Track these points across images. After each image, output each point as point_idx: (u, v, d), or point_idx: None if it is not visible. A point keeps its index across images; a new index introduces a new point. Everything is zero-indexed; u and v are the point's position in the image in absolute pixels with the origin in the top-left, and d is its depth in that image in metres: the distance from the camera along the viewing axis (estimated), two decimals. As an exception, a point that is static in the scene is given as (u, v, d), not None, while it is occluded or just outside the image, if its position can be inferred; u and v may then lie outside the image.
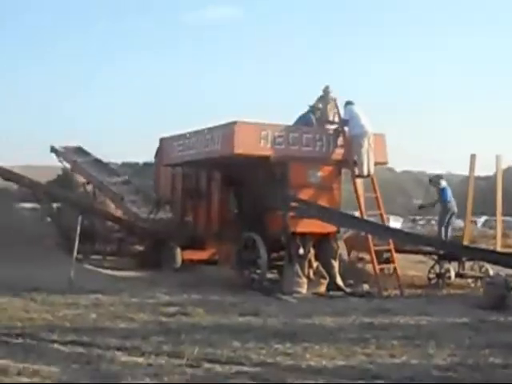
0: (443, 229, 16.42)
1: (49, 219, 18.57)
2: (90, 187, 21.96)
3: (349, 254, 15.76)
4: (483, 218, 35.99)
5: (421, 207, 20.73)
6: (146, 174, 24.97)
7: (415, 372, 7.29)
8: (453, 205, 16.68)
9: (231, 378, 6.92)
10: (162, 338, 8.73)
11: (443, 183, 16.91)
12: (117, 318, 10.05)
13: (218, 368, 7.32)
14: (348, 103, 15.44)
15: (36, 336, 8.53)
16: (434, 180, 17.21)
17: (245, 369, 7.33)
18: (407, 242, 15.22)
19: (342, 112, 15.42)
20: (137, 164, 76.44)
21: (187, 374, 6.95)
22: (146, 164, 36.38)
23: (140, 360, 7.53)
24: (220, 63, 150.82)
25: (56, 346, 8.12)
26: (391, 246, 14.74)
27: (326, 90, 15.80)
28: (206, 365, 7.41)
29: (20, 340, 8.33)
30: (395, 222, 35.93)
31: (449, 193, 16.73)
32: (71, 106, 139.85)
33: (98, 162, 22.92)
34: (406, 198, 79.45)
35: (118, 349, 7.99)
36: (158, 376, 6.81)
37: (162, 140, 17.71)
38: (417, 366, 7.62)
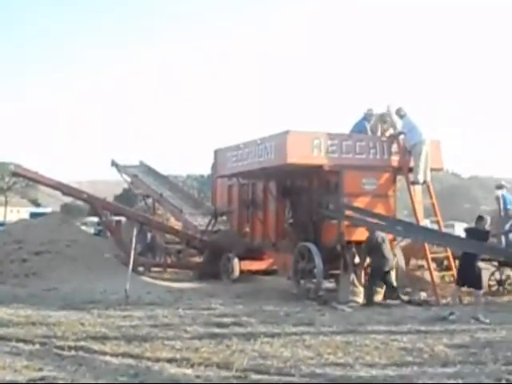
0: (502, 236, 15.88)
1: (108, 233, 18.83)
2: (150, 200, 22.35)
3: (407, 262, 15.48)
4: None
5: None
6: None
7: (466, 380, 7.15)
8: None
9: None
10: (212, 349, 8.72)
11: (498, 192, 16.32)
12: (170, 330, 10.08)
13: (265, 379, 7.27)
14: (401, 112, 15.11)
15: (88, 348, 8.60)
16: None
17: (294, 380, 7.28)
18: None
19: (397, 121, 15.17)
20: (202, 176, 77.34)
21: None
22: (209, 176, 36.79)
23: (188, 371, 7.54)
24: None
25: (107, 358, 8.18)
26: (449, 253, 14.43)
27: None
28: (254, 376, 7.38)
29: (73, 353, 8.40)
30: (461, 229, 35.23)
31: (507, 200, 16.15)
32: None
33: (158, 175, 23.29)
34: (472, 204, 78.31)
35: (168, 360, 8.00)
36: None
37: (216, 152, 17.77)
38: (469, 374, 7.46)
